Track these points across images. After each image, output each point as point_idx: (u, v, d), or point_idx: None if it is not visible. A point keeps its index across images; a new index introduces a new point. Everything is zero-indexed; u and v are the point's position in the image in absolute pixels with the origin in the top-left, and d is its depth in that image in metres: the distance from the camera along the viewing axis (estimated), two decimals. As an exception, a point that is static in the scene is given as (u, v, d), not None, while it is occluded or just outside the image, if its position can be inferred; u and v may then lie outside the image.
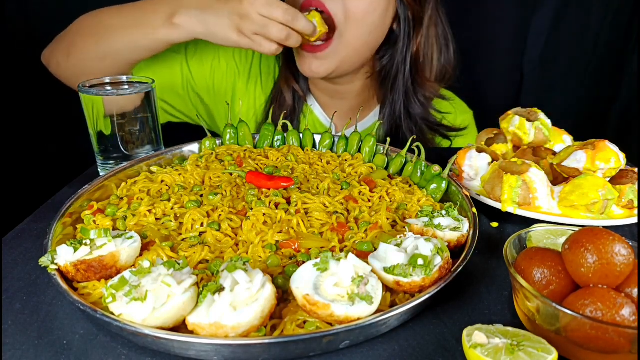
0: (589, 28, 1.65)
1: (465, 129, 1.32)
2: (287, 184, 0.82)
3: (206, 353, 0.50)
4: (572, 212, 0.82)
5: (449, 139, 1.33)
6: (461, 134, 1.33)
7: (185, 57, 1.24)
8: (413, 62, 1.21)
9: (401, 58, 1.20)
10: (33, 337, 0.55)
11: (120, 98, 0.91)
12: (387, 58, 1.22)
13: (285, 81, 1.28)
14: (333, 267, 0.55)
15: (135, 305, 0.50)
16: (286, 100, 1.28)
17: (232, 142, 1.02)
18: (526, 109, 1.01)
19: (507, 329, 0.52)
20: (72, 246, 0.59)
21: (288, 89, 1.28)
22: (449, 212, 0.72)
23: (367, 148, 0.99)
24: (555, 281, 0.55)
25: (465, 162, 0.94)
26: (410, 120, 1.27)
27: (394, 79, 1.23)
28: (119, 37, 1.01)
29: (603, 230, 0.55)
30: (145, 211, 0.74)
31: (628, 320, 0.49)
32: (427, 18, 1.18)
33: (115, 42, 1.02)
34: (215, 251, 0.67)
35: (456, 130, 1.31)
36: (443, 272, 0.58)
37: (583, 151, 0.84)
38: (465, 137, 1.36)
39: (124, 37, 1.01)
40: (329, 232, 0.71)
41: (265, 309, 0.52)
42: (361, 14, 1.05)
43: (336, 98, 1.33)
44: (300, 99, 1.30)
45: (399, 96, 1.24)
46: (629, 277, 0.53)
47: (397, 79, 1.23)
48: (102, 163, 0.96)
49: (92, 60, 1.04)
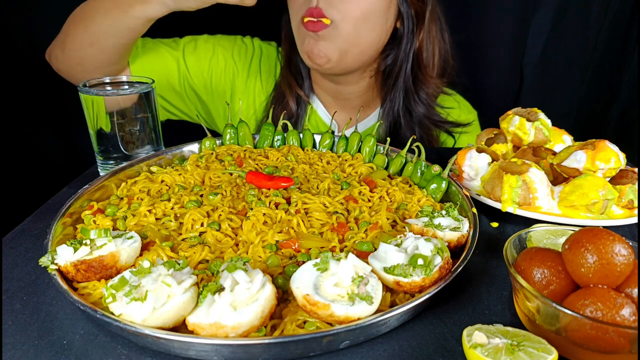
0: (589, 28, 1.65)
1: (469, 125, 1.33)
2: (287, 184, 0.82)
3: (206, 353, 0.50)
4: (572, 212, 0.82)
5: (453, 136, 1.33)
6: (466, 131, 1.33)
7: (182, 53, 1.25)
8: (415, 59, 1.22)
9: (404, 55, 1.21)
10: (33, 337, 0.55)
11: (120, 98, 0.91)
12: (392, 57, 1.23)
13: (288, 87, 1.29)
14: (333, 267, 0.55)
15: (135, 305, 0.50)
16: (289, 104, 1.28)
17: (232, 142, 1.02)
18: (526, 109, 1.01)
19: (507, 329, 0.52)
20: (72, 246, 0.59)
21: (291, 94, 1.29)
22: (449, 212, 0.73)
23: (367, 148, 0.99)
24: (555, 281, 0.55)
25: (465, 162, 0.94)
26: (410, 118, 1.27)
27: (396, 77, 1.24)
28: (101, 19, 1.03)
29: (603, 230, 0.55)
30: (145, 211, 0.74)
31: (628, 320, 0.49)
32: (428, 13, 1.20)
33: (99, 25, 1.03)
34: (215, 251, 0.67)
35: (460, 125, 1.32)
36: (443, 272, 0.58)
37: (583, 151, 0.84)
38: (470, 135, 1.36)
39: (106, 18, 1.02)
40: (329, 232, 0.71)
41: (265, 309, 0.52)
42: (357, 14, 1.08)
43: (340, 98, 1.33)
44: (303, 103, 1.31)
45: (399, 94, 1.25)
46: (629, 277, 0.53)
47: (398, 77, 1.24)
48: (102, 163, 0.96)
49: (83, 47, 1.05)
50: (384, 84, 1.29)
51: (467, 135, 1.35)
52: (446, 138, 1.35)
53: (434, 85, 1.27)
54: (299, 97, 1.30)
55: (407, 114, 1.27)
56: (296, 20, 1.13)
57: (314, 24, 1.08)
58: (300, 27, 1.12)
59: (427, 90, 1.26)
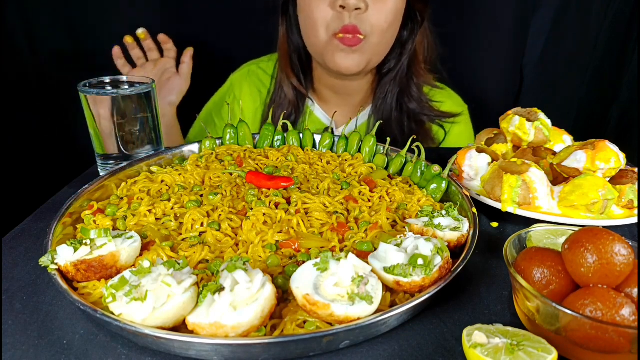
0: (589, 28, 1.65)
1: (459, 115, 1.39)
2: (287, 184, 0.82)
3: (206, 353, 0.50)
4: (572, 212, 0.82)
5: (444, 128, 1.39)
6: (456, 121, 1.39)
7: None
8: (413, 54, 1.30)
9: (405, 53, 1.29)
10: (33, 337, 0.55)
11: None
12: (396, 55, 1.30)
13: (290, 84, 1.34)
14: (333, 267, 0.55)
15: (135, 305, 0.50)
16: (287, 96, 1.33)
17: (232, 142, 1.02)
18: (526, 109, 1.01)
19: (507, 329, 0.52)
20: (72, 246, 0.59)
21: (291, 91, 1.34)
22: (449, 212, 0.72)
23: (367, 148, 0.99)
24: (555, 281, 0.55)
25: (465, 162, 0.94)
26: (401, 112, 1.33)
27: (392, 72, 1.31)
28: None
29: (603, 230, 0.55)
30: (145, 211, 0.74)
31: (628, 320, 0.49)
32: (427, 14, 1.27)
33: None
34: (215, 251, 0.67)
35: (450, 116, 1.37)
36: (443, 272, 0.58)
37: (583, 151, 0.84)
38: (460, 125, 1.41)
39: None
40: (329, 232, 0.71)
41: (265, 309, 0.52)
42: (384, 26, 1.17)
43: (341, 93, 1.37)
44: (302, 101, 1.36)
45: (393, 88, 1.32)
46: (629, 277, 0.53)
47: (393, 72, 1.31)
48: (102, 163, 0.96)
49: None
50: (380, 79, 1.34)
51: (458, 126, 1.40)
52: (437, 130, 1.39)
53: (425, 78, 1.34)
54: (299, 94, 1.34)
55: (398, 108, 1.33)
56: (325, 35, 1.17)
57: (350, 40, 1.14)
58: (332, 42, 1.16)
59: (418, 84, 1.33)
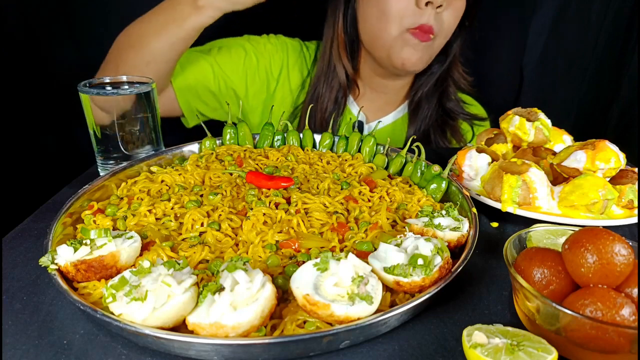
0: (589, 28, 1.65)
1: (486, 120, 1.45)
2: (287, 184, 0.82)
3: (206, 353, 0.50)
4: (572, 212, 0.82)
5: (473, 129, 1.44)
6: (483, 124, 1.45)
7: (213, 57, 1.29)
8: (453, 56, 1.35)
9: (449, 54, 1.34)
10: (33, 337, 0.55)
11: (120, 98, 0.91)
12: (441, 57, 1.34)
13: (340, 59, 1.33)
14: (333, 267, 0.55)
15: (135, 305, 0.50)
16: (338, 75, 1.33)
17: (232, 142, 1.02)
18: (526, 109, 1.01)
19: (507, 329, 0.52)
20: (72, 246, 0.59)
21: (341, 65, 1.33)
22: (449, 212, 0.72)
23: (367, 148, 0.99)
24: (555, 281, 0.55)
25: (465, 162, 0.94)
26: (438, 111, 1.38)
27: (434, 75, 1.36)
28: (156, 37, 1.08)
29: (603, 230, 0.55)
30: (145, 211, 0.74)
31: (628, 320, 0.49)
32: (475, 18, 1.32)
33: (153, 46, 1.08)
34: (215, 251, 0.67)
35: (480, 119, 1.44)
36: (443, 272, 0.58)
37: (583, 151, 0.84)
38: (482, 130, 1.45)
39: (160, 38, 1.08)
40: (329, 232, 0.71)
41: (265, 309, 0.52)
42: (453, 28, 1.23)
43: (378, 91, 1.40)
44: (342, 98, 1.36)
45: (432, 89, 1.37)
46: (629, 277, 0.53)
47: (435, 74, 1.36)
48: (102, 163, 0.96)
49: (140, 68, 1.10)
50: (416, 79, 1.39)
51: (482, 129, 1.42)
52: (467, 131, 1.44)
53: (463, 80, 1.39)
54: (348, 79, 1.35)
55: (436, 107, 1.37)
56: (397, 29, 1.18)
57: (423, 35, 1.17)
58: (403, 36, 1.18)
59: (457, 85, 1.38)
